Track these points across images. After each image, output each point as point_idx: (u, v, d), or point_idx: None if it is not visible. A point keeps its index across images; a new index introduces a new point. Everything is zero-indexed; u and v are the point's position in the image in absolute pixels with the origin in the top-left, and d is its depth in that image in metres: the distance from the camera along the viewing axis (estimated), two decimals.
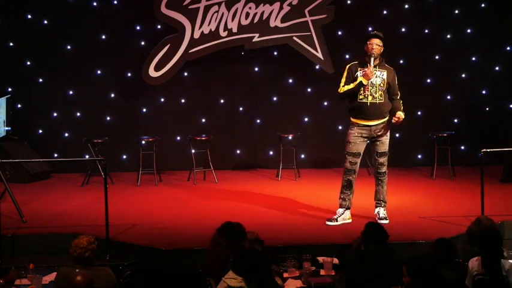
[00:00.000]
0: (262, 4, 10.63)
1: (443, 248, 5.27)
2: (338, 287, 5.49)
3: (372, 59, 7.53)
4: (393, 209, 8.31)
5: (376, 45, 7.55)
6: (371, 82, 7.52)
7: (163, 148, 10.62)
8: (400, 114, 7.62)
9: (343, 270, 5.74)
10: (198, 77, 11.17)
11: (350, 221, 7.64)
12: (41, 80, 11.02)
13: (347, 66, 7.77)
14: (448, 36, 11.25)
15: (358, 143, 7.58)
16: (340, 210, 7.69)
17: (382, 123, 7.58)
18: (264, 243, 5.57)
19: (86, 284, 4.57)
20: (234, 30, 10.65)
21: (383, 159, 7.63)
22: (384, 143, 7.62)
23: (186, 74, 11.11)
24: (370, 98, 7.53)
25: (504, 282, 5.14)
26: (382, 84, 7.59)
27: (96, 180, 9.87)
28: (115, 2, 11.04)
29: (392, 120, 7.59)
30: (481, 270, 5.25)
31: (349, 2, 11.17)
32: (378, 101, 7.56)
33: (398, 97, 7.79)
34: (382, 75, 7.61)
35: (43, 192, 9.55)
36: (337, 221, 7.61)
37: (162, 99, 11.19)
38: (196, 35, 10.60)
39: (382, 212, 7.66)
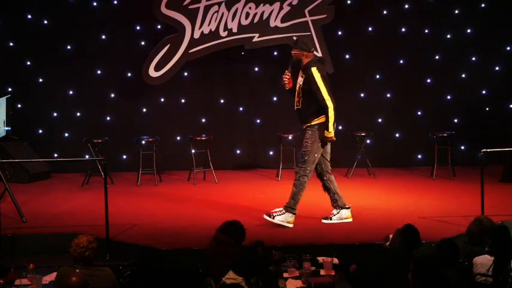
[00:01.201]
0: (262, 4, 10.63)
1: (449, 248, 5.26)
2: (338, 287, 5.49)
3: (289, 66, 7.66)
4: (393, 209, 8.32)
5: (292, 53, 7.65)
6: (296, 88, 7.63)
7: (163, 148, 10.62)
8: (325, 133, 7.47)
9: (359, 266, 5.73)
10: (198, 77, 11.17)
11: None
12: (41, 80, 11.02)
13: None
14: (448, 36, 11.25)
15: None
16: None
17: (305, 128, 7.61)
18: (264, 244, 5.56)
19: (80, 285, 4.57)
20: (234, 30, 10.65)
21: (301, 160, 7.66)
22: (303, 146, 7.63)
23: (186, 74, 11.10)
24: (295, 104, 7.66)
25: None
26: (299, 91, 7.61)
27: (96, 180, 9.87)
28: (115, 2, 11.04)
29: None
30: (486, 270, 5.25)
31: (349, 2, 11.17)
32: (296, 107, 7.68)
33: (324, 104, 7.44)
34: (300, 81, 7.62)
35: (43, 192, 9.55)
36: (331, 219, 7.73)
37: (162, 99, 11.19)
38: (196, 35, 10.60)
39: (277, 209, 7.67)
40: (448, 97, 11.35)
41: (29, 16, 10.95)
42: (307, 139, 7.57)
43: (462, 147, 11.29)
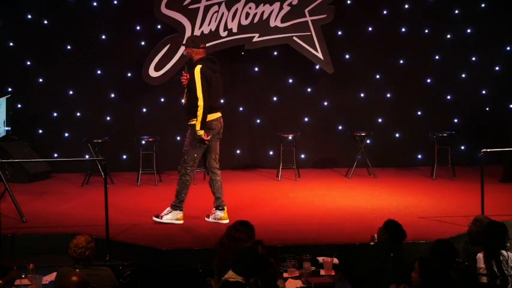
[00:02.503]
0: (262, 4, 10.63)
1: (445, 248, 5.27)
2: (338, 287, 5.49)
3: (185, 66, 7.81)
4: (393, 208, 8.32)
5: (184, 52, 7.81)
6: None
7: (163, 148, 10.62)
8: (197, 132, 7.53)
9: (349, 265, 5.77)
10: None
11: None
12: (41, 80, 11.02)
13: None
14: (448, 36, 11.25)
15: None
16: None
17: (188, 125, 7.71)
18: (263, 243, 5.56)
19: (80, 285, 4.57)
20: (234, 30, 10.65)
21: (182, 159, 7.71)
22: (184, 144, 7.75)
23: None
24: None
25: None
26: (186, 87, 7.72)
27: (96, 180, 9.87)
28: (115, 2, 11.04)
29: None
30: (483, 265, 5.29)
31: (349, 2, 11.17)
32: (183, 103, 7.88)
33: (196, 103, 7.51)
34: (186, 78, 7.70)
35: (43, 192, 9.54)
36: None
37: (162, 99, 11.19)
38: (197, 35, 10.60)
39: (166, 210, 7.73)
40: (448, 97, 11.35)
41: (29, 16, 10.94)
42: (187, 138, 7.74)
43: (462, 147, 11.29)
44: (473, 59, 11.29)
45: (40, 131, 11.10)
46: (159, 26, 10.94)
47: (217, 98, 7.76)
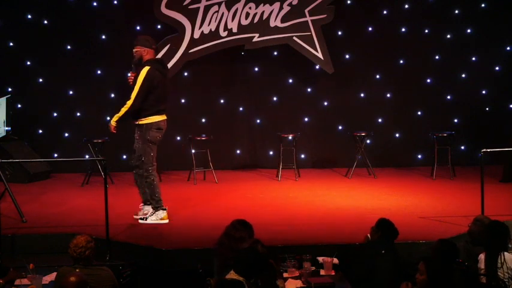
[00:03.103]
0: (262, 4, 10.63)
1: (447, 248, 5.27)
2: (338, 287, 5.49)
3: (133, 66, 7.73)
4: (393, 209, 8.32)
5: (134, 51, 7.74)
6: None
7: (163, 148, 10.59)
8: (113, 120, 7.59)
9: (347, 265, 5.78)
10: (198, 77, 11.17)
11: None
12: (41, 80, 11.02)
13: None
14: (448, 36, 11.25)
15: None
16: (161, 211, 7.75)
17: (136, 125, 7.70)
18: (262, 242, 5.56)
19: (79, 285, 4.57)
20: (234, 30, 10.65)
21: (140, 162, 7.68)
22: (137, 147, 7.73)
23: (186, 74, 11.10)
24: None
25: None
26: (132, 87, 7.67)
27: (96, 180, 9.87)
28: (115, 2, 11.04)
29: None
30: (483, 266, 5.29)
31: (349, 2, 11.17)
32: None
33: (128, 101, 7.57)
34: (133, 78, 7.67)
35: (43, 192, 9.54)
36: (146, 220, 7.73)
37: None
38: (196, 35, 10.61)
39: (150, 212, 7.73)
40: (448, 97, 11.36)
41: (29, 16, 10.94)
42: (138, 139, 7.71)
43: (462, 147, 11.29)
44: (473, 59, 11.29)
45: (40, 131, 11.10)
46: (159, 26, 10.94)
47: (164, 100, 7.73)
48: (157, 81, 7.54)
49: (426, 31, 11.23)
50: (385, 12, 11.23)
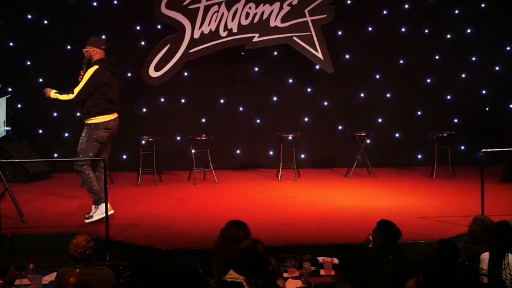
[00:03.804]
0: (262, 4, 10.63)
1: (448, 249, 5.26)
2: (338, 287, 5.49)
3: (84, 66, 7.83)
4: (393, 208, 8.32)
5: (84, 51, 7.89)
6: None
7: (163, 148, 10.62)
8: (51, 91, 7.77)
9: (348, 267, 5.78)
10: (198, 77, 11.17)
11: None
12: (41, 80, 11.02)
13: None
14: (448, 36, 11.25)
15: None
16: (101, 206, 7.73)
17: (85, 124, 7.74)
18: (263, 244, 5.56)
19: (78, 285, 4.57)
20: (234, 30, 10.65)
21: (77, 157, 7.74)
22: (79, 143, 7.76)
23: (186, 74, 11.11)
24: None
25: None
26: None
27: None
28: (115, 2, 11.04)
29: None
30: (486, 267, 5.28)
31: (349, 2, 11.17)
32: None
33: (71, 95, 7.73)
34: (83, 77, 7.75)
35: (43, 192, 9.54)
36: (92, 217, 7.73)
37: (162, 99, 11.19)
38: (196, 35, 10.61)
39: (93, 208, 7.76)
40: (448, 97, 11.36)
41: (29, 16, 10.95)
42: (83, 137, 7.74)
43: (462, 147, 11.29)
44: (473, 59, 11.29)
45: (40, 131, 11.10)
46: (159, 26, 10.94)
47: (114, 99, 7.80)
48: (105, 80, 7.67)
49: (426, 31, 11.23)
50: (385, 12, 11.24)
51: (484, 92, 11.34)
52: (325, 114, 11.32)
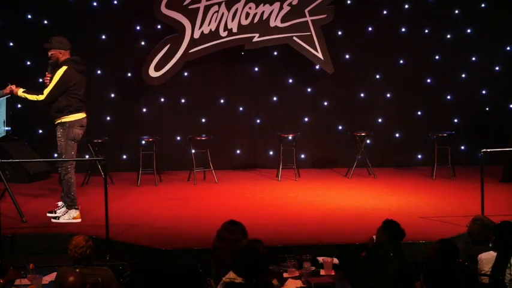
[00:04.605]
0: (262, 4, 10.63)
1: (447, 249, 5.25)
2: (338, 287, 5.49)
3: (49, 68, 7.86)
4: (393, 209, 8.32)
5: (49, 54, 7.89)
6: None
7: (163, 148, 10.62)
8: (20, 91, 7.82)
9: (349, 265, 5.78)
10: (198, 77, 11.17)
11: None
12: (41, 80, 10.98)
13: None
14: (448, 36, 11.25)
15: None
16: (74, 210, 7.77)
17: (56, 125, 7.79)
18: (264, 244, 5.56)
19: (78, 285, 4.56)
20: (234, 30, 10.65)
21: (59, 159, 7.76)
22: (58, 145, 7.77)
23: (186, 74, 11.11)
24: None
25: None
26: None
27: (96, 180, 9.87)
28: (115, 2, 11.04)
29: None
30: (488, 269, 5.27)
31: (349, 2, 11.17)
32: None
33: (40, 95, 7.77)
34: (50, 79, 7.80)
35: (43, 192, 9.54)
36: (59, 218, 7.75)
37: (162, 99, 11.19)
38: (196, 35, 10.61)
39: (63, 210, 7.78)
40: (448, 97, 11.36)
41: (29, 16, 10.95)
42: (60, 137, 7.75)
43: (462, 147, 11.29)
44: (473, 59, 11.29)
45: (40, 131, 11.09)
46: (159, 26, 10.94)
47: (83, 98, 7.88)
48: (76, 80, 7.74)
49: (426, 31, 11.23)
50: (385, 12, 11.24)
51: (484, 92, 11.34)
52: (325, 114, 11.33)
